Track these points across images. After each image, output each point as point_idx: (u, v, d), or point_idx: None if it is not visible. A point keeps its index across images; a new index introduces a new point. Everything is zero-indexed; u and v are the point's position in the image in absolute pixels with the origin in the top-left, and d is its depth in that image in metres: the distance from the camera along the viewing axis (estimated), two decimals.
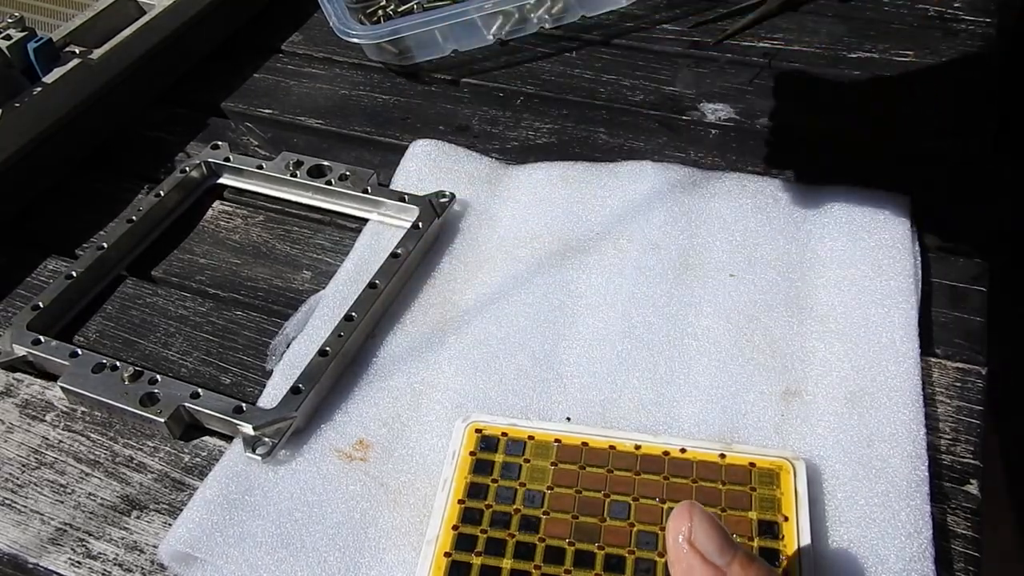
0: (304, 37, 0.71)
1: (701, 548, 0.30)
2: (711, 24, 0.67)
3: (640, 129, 0.59)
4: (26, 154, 0.56)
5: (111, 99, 0.62)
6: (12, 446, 0.44)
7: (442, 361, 0.45)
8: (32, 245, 0.55)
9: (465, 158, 0.56)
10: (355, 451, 0.42)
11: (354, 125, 0.62)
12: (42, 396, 0.46)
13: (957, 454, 0.40)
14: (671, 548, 0.31)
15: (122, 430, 0.45)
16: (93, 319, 0.50)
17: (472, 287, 0.49)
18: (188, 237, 0.55)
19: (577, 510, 0.38)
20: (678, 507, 0.31)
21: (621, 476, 0.39)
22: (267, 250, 0.54)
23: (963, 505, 0.39)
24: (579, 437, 0.40)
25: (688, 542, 0.30)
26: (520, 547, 0.36)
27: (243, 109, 0.65)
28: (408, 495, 0.40)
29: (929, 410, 0.42)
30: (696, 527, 0.30)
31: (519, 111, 0.62)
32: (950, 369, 0.44)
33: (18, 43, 0.57)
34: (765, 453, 0.39)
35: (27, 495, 0.42)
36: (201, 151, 0.58)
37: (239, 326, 0.49)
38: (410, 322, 0.47)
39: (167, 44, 0.65)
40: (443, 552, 0.36)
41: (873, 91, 0.60)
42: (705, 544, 0.30)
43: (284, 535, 0.39)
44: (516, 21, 0.67)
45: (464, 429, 0.41)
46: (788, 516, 0.37)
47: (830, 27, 0.66)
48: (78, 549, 0.40)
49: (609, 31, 0.68)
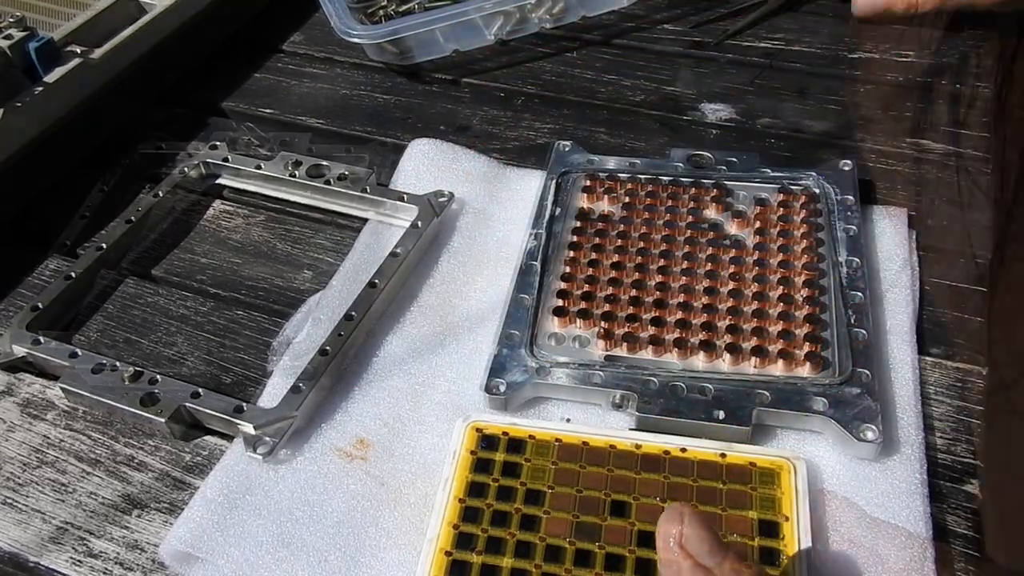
0: (305, 37, 0.71)
1: (692, 551, 0.30)
2: (711, 24, 0.67)
3: (640, 129, 0.59)
4: (27, 154, 0.56)
5: (111, 99, 0.62)
6: (13, 445, 0.44)
7: (442, 361, 0.46)
8: (32, 245, 0.55)
9: (465, 158, 0.56)
10: (355, 450, 0.42)
11: (355, 125, 0.62)
12: (43, 395, 0.46)
13: (956, 454, 0.40)
14: (662, 551, 0.31)
15: (123, 429, 0.45)
16: (94, 318, 0.50)
17: (471, 287, 0.49)
18: (189, 237, 0.55)
19: (577, 509, 0.38)
20: (668, 510, 0.31)
21: (621, 475, 0.39)
22: (268, 250, 0.54)
23: (962, 504, 0.39)
24: (579, 436, 0.40)
25: (679, 545, 0.30)
26: (520, 546, 0.36)
27: (244, 109, 0.65)
28: (408, 494, 0.40)
29: (929, 410, 0.42)
30: (687, 530, 0.30)
31: (519, 111, 0.62)
32: (949, 369, 0.44)
33: (19, 43, 0.57)
34: (765, 453, 0.39)
35: (28, 494, 0.42)
36: (201, 151, 0.58)
37: (240, 325, 0.49)
38: (410, 322, 0.47)
39: (168, 44, 0.65)
40: (443, 550, 0.36)
41: (873, 91, 0.60)
42: (696, 547, 0.30)
43: (284, 534, 0.39)
44: (516, 21, 0.67)
45: (464, 428, 0.41)
46: (788, 516, 0.37)
47: (831, 27, 0.66)
48: (79, 548, 0.40)
49: (609, 31, 0.68)
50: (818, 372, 0.42)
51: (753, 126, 0.59)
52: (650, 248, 0.48)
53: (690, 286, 0.46)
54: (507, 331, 0.45)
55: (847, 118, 0.58)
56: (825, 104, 0.60)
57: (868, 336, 0.43)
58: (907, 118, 0.58)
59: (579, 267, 0.48)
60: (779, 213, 0.49)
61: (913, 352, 0.43)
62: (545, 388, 0.43)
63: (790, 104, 0.60)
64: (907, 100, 0.59)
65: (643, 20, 0.69)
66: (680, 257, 0.48)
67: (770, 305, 0.45)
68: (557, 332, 0.45)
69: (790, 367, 0.42)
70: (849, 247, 0.47)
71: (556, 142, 0.55)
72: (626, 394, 0.42)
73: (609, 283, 0.46)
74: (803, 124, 0.58)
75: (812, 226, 0.48)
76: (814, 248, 0.47)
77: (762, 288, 0.45)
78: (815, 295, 0.45)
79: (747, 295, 0.45)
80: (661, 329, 0.44)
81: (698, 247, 0.48)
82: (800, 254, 0.47)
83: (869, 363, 0.41)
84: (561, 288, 0.46)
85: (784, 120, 0.59)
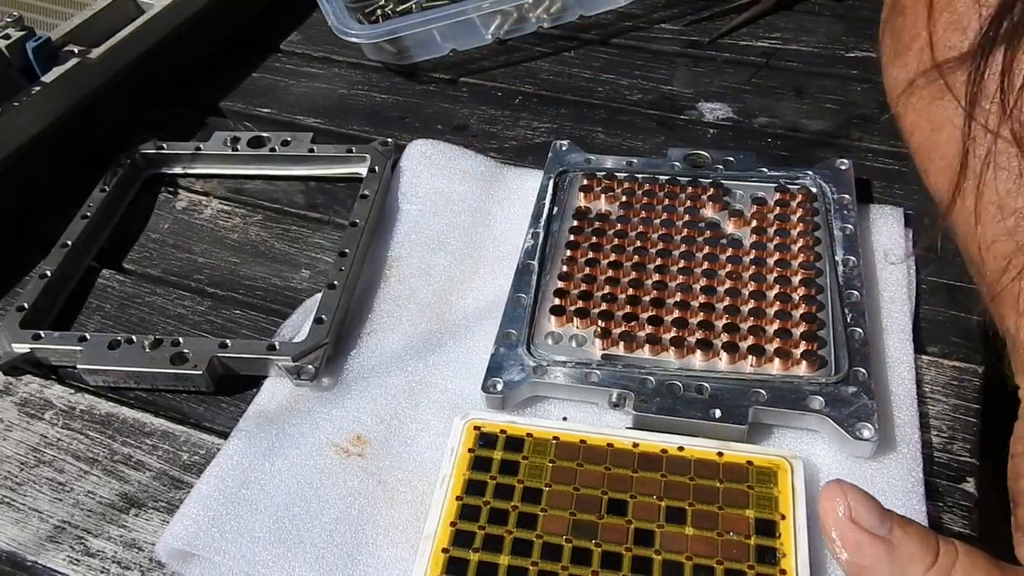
0: (303, 37, 0.72)
1: (864, 523, 0.30)
2: (706, 23, 0.68)
3: (638, 128, 0.60)
4: (25, 154, 0.57)
5: (110, 99, 0.62)
6: (11, 444, 0.44)
7: (439, 360, 0.46)
8: (31, 245, 0.55)
9: (463, 157, 0.56)
10: (352, 446, 0.42)
11: (352, 124, 0.62)
12: (40, 394, 0.47)
13: (954, 452, 0.41)
14: (834, 527, 0.31)
15: (120, 428, 0.45)
16: (92, 318, 0.50)
17: (469, 286, 0.49)
18: (187, 236, 0.55)
19: (575, 507, 0.38)
20: (828, 486, 0.31)
21: (619, 474, 0.39)
22: (265, 249, 0.54)
23: (960, 503, 0.39)
24: (577, 435, 0.40)
25: (850, 519, 0.30)
26: (517, 544, 0.36)
27: (242, 108, 0.65)
28: (406, 491, 0.40)
29: (925, 408, 0.42)
30: (853, 504, 0.30)
31: (517, 110, 0.62)
32: (946, 367, 0.44)
33: (17, 42, 0.57)
34: (763, 452, 0.39)
35: (26, 493, 0.42)
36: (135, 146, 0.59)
37: (238, 325, 0.49)
38: (407, 320, 0.48)
39: (166, 44, 0.65)
40: (441, 548, 0.37)
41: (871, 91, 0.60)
42: (867, 519, 0.30)
43: (281, 531, 0.39)
44: (514, 20, 0.67)
45: (463, 426, 0.41)
46: (785, 515, 0.37)
47: (828, 26, 0.66)
48: (76, 547, 0.40)
49: (607, 30, 0.68)
50: (815, 371, 0.42)
51: (750, 125, 0.59)
52: (647, 247, 0.48)
53: (687, 285, 0.46)
54: (504, 330, 0.45)
55: (844, 117, 0.58)
56: (822, 103, 0.60)
57: (865, 335, 0.43)
58: None
59: (577, 266, 0.48)
60: (776, 212, 0.50)
61: (910, 351, 0.44)
62: (543, 387, 0.43)
63: (787, 103, 0.60)
64: None
65: (641, 19, 0.69)
66: (677, 256, 0.48)
67: (767, 304, 0.45)
68: (554, 331, 0.45)
69: (787, 366, 0.42)
70: (846, 246, 0.47)
71: (554, 141, 0.55)
72: (623, 393, 0.42)
73: (607, 282, 0.46)
74: (800, 123, 0.59)
75: (809, 225, 0.48)
76: (811, 247, 0.47)
77: (759, 287, 0.46)
78: (812, 294, 0.45)
79: (744, 294, 0.45)
80: (658, 328, 0.44)
81: (695, 246, 0.48)
82: (797, 253, 0.47)
83: (866, 362, 0.42)
84: (559, 287, 0.46)
85: (781, 119, 0.59)
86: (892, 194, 0.53)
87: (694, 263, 0.47)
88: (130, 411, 0.45)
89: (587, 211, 0.51)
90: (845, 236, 0.47)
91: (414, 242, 0.52)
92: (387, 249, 0.51)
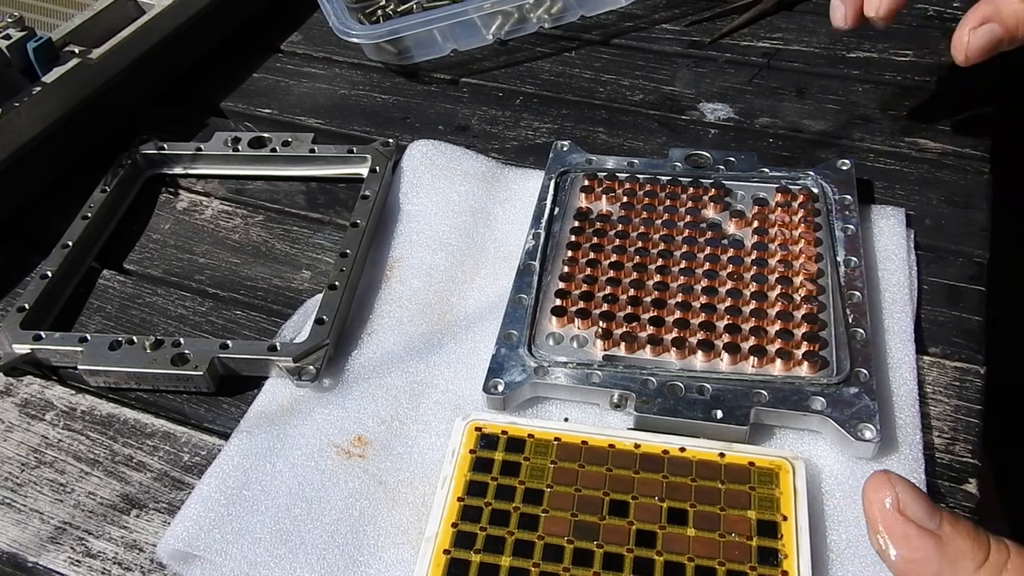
0: (303, 37, 0.71)
1: (913, 516, 0.29)
2: (707, 23, 0.67)
3: (639, 129, 0.59)
4: (25, 154, 0.56)
5: (110, 99, 0.62)
6: (11, 445, 0.44)
7: (440, 360, 0.46)
8: (31, 245, 0.55)
9: (464, 158, 0.56)
10: (353, 447, 0.42)
11: (353, 125, 0.62)
12: (41, 395, 0.46)
13: (956, 453, 0.40)
14: (880, 519, 0.30)
15: (121, 429, 0.45)
16: (93, 319, 0.50)
17: (470, 287, 0.49)
18: (188, 237, 0.55)
19: (576, 508, 0.38)
20: (875, 476, 0.30)
21: (620, 475, 0.39)
22: (267, 250, 0.54)
23: (962, 504, 0.39)
24: (578, 436, 0.40)
25: (898, 511, 0.30)
26: (519, 545, 0.36)
27: (243, 109, 0.65)
28: (407, 492, 0.40)
29: (927, 409, 0.42)
30: (902, 495, 0.30)
31: (518, 111, 0.62)
32: (948, 368, 0.44)
33: (17, 43, 0.57)
34: (764, 452, 0.39)
35: (27, 494, 0.42)
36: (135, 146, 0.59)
37: (239, 325, 0.49)
38: (408, 321, 0.47)
39: (166, 44, 0.65)
40: (442, 549, 0.36)
41: (872, 91, 0.60)
42: (916, 511, 0.29)
43: (283, 532, 0.39)
44: (515, 21, 0.67)
45: (464, 427, 0.41)
46: (787, 516, 0.37)
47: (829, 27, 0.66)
48: (77, 548, 0.40)
49: (608, 31, 0.68)
50: (816, 371, 0.42)
51: (752, 126, 0.59)
52: (649, 248, 0.48)
53: (689, 286, 0.46)
54: (506, 331, 0.45)
55: (846, 118, 0.58)
56: (824, 104, 0.60)
57: (866, 335, 0.43)
58: (905, 117, 0.58)
59: (578, 267, 0.48)
60: (777, 213, 0.49)
61: (912, 351, 0.44)
62: (544, 388, 0.43)
63: (789, 104, 0.60)
64: (906, 100, 0.59)
65: (642, 20, 0.69)
66: (679, 257, 0.48)
67: (768, 304, 0.45)
68: (556, 332, 0.45)
69: (788, 366, 0.42)
70: (848, 246, 0.47)
71: (555, 142, 0.55)
72: (625, 393, 0.42)
73: (608, 283, 0.46)
74: (802, 124, 0.58)
75: (811, 225, 0.48)
76: (813, 247, 0.47)
77: (760, 287, 0.45)
78: (814, 294, 0.45)
79: (746, 295, 0.45)
80: (660, 329, 0.44)
81: (697, 247, 0.48)
82: (799, 253, 0.47)
83: (867, 362, 0.42)
84: (560, 288, 0.46)
85: (783, 120, 0.59)
86: (893, 194, 0.53)
87: (695, 264, 0.47)
88: (131, 412, 0.45)
89: (588, 211, 0.51)
90: (847, 237, 0.47)
91: (415, 243, 0.52)
92: (388, 250, 0.52)
